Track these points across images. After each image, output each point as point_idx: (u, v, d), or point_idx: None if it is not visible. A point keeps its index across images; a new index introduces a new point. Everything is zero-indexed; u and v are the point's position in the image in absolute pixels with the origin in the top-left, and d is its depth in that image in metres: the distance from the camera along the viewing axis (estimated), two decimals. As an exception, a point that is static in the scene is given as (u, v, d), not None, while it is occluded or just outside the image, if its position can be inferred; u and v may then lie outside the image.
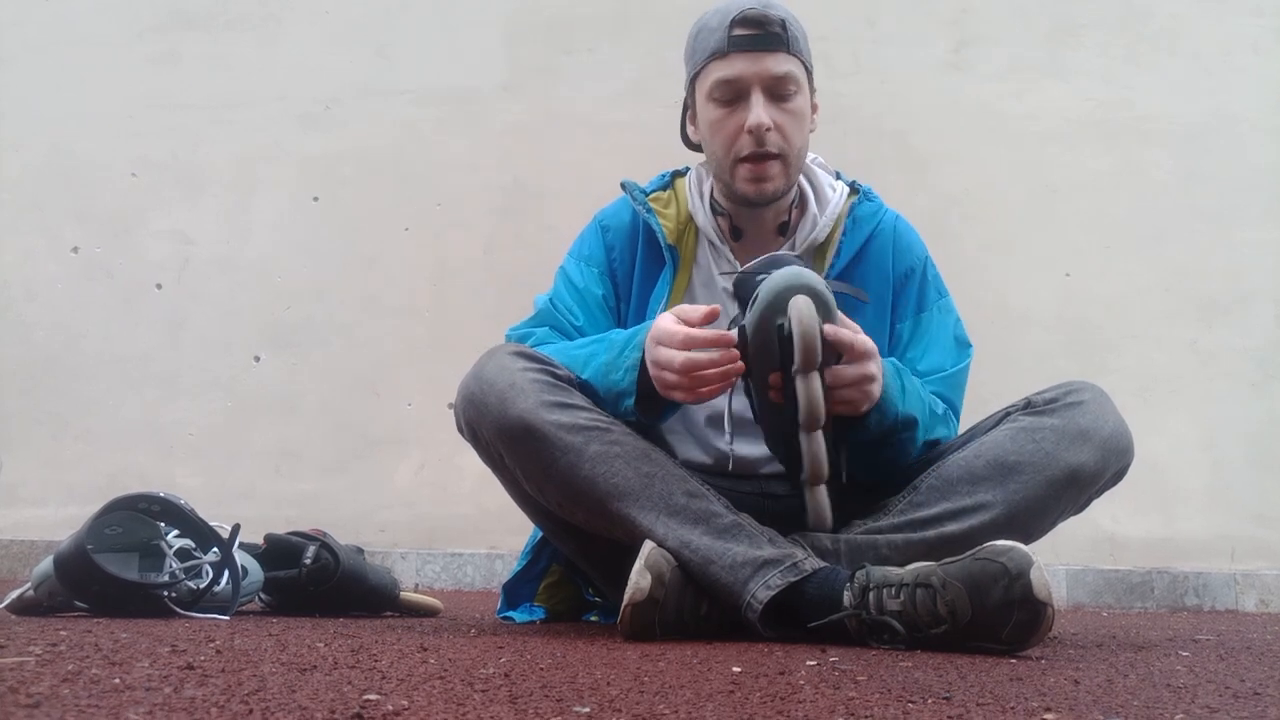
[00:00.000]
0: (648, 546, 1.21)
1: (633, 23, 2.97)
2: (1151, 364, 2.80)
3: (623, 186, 1.55)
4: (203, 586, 1.46)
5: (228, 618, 1.44)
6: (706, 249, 1.52)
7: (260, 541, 1.70)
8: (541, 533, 1.52)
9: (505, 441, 1.29)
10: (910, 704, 0.74)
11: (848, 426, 1.31)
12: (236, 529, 1.51)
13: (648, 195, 1.53)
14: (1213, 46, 2.90)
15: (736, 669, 0.93)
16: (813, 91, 1.46)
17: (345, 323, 2.92)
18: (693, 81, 1.47)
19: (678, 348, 1.23)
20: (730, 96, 1.40)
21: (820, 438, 1.23)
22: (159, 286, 2.96)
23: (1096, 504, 1.39)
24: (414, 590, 2.07)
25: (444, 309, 2.90)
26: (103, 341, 2.94)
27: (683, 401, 1.29)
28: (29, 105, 3.04)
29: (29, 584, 1.45)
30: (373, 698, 0.70)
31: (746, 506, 1.31)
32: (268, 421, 2.88)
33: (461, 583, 2.73)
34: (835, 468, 1.28)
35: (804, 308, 1.17)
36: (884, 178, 1.60)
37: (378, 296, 2.92)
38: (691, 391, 1.25)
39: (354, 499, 2.82)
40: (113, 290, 2.96)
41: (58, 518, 2.76)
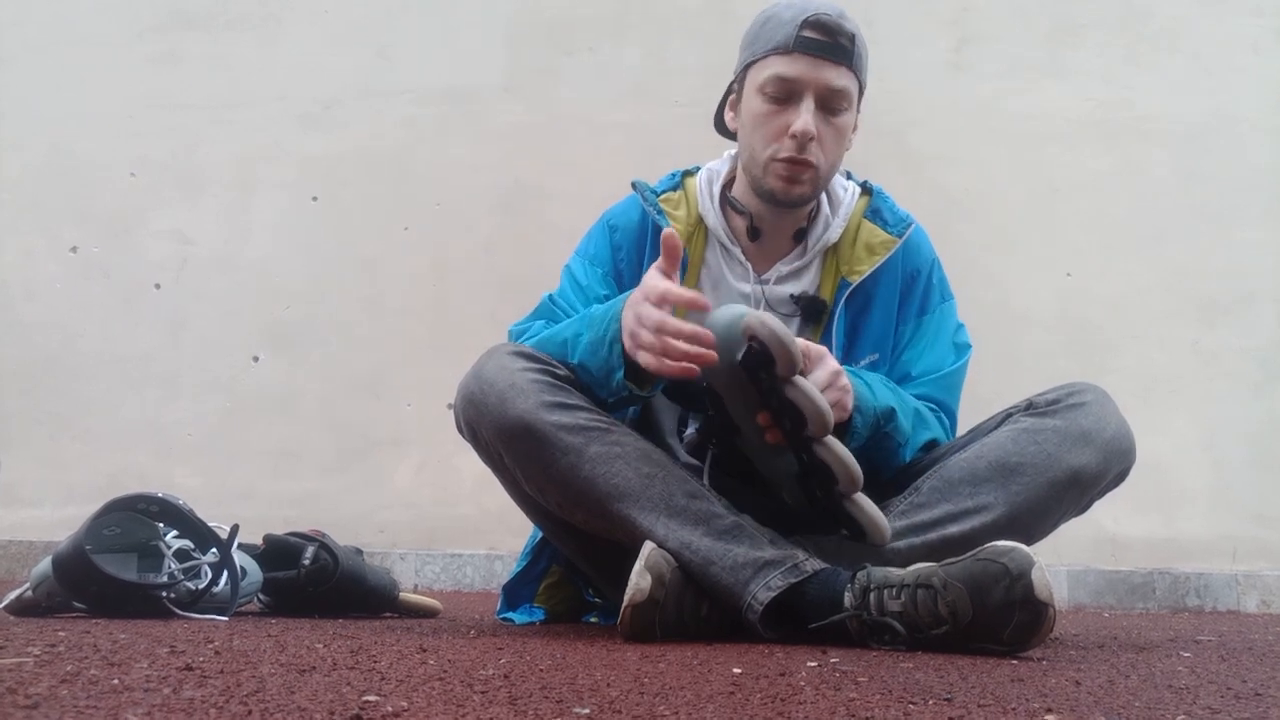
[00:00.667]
0: (648, 547, 1.21)
1: (633, 23, 2.97)
2: (1152, 364, 2.80)
3: (633, 186, 1.53)
4: (201, 587, 1.46)
5: (226, 618, 1.44)
6: (717, 251, 1.50)
7: (259, 542, 1.70)
8: (541, 533, 1.51)
9: (505, 442, 1.28)
10: (911, 705, 0.74)
11: (840, 438, 1.29)
12: (235, 529, 1.51)
13: (658, 195, 1.51)
14: (1213, 46, 2.90)
15: (737, 670, 0.93)
16: (859, 111, 1.45)
17: (345, 323, 2.92)
18: (746, 69, 1.43)
19: (654, 302, 1.20)
20: (782, 95, 1.37)
21: (837, 441, 1.20)
22: (158, 286, 2.96)
23: (1098, 504, 1.39)
24: (413, 591, 2.07)
25: (444, 309, 2.90)
26: (102, 341, 2.94)
27: (648, 366, 1.21)
28: (29, 105, 3.04)
29: (27, 584, 1.44)
30: (372, 699, 0.70)
31: (746, 508, 1.30)
32: (267, 422, 2.88)
33: (461, 583, 2.73)
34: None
35: (763, 317, 1.15)
36: (884, 178, 1.59)
37: (377, 297, 2.92)
38: (659, 357, 1.18)
39: (353, 499, 2.82)
40: (112, 290, 2.96)
41: (56, 518, 2.76)
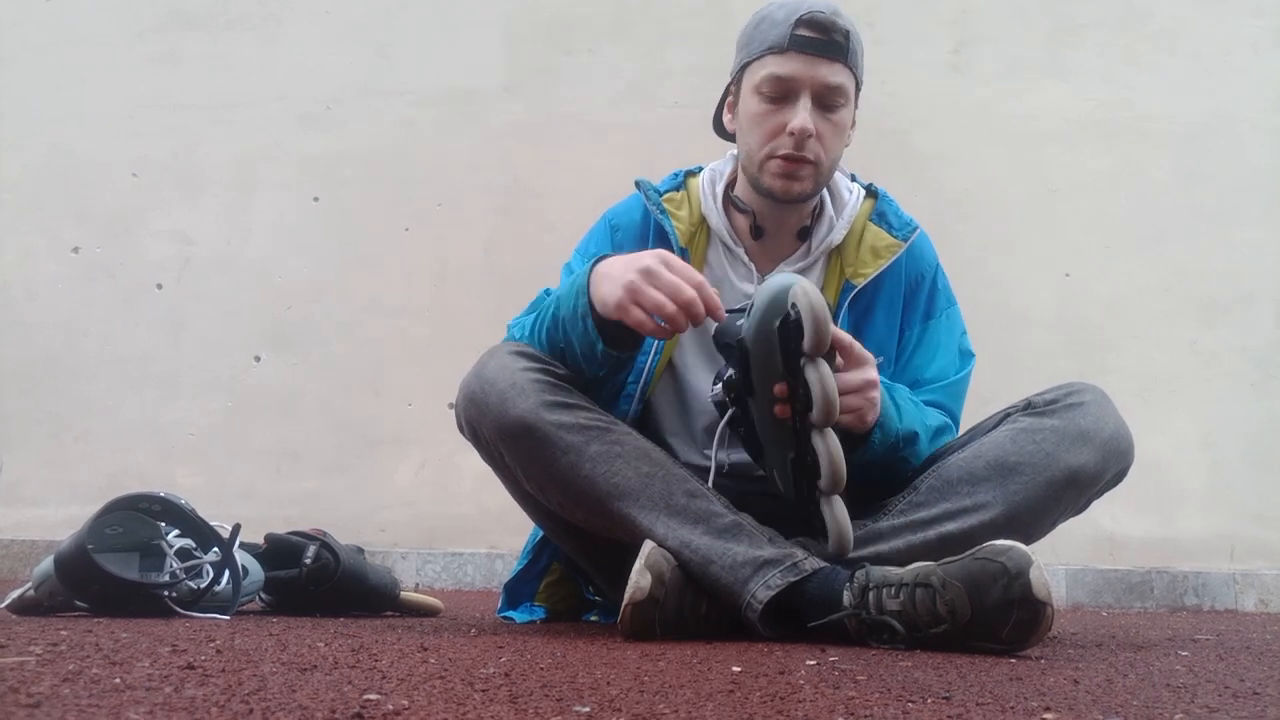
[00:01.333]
0: (648, 546, 1.21)
1: (633, 23, 2.98)
2: (1151, 364, 2.80)
3: (637, 185, 1.53)
4: (203, 586, 1.46)
5: (228, 617, 1.44)
6: (720, 250, 1.50)
7: (261, 541, 1.70)
8: (542, 532, 1.52)
9: (506, 441, 1.29)
10: (910, 703, 0.74)
11: (851, 448, 1.25)
12: (237, 529, 1.52)
13: (661, 195, 1.51)
14: (1213, 46, 2.90)
15: (736, 668, 0.93)
16: (857, 107, 1.45)
17: (346, 323, 2.92)
18: (742, 70, 1.44)
19: (688, 282, 1.21)
20: (779, 94, 1.38)
21: (835, 437, 1.17)
22: (159, 286, 2.96)
23: (1096, 504, 1.39)
24: (414, 590, 2.08)
25: (444, 309, 2.90)
26: (103, 341, 2.94)
27: (635, 324, 1.22)
28: (29, 105, 3.04)
29: (30, 584, 1.45)
30: (373, 697, 0.70)
31: (746, 507, 1.30)
32: (268, 421, 2.89)
33: (462, 582, 2.74)
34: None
35: (809, 287, 1.13)
36: (884, 178, 1.60)
37: (378, 296, 2.92)
38: (633, 295, 1.20)
39: (354, 499, 2.83)
40: (113, 290, 2.96)
41: (58, 518, 2.76)
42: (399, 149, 2.97)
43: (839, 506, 1.19)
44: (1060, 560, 2.66)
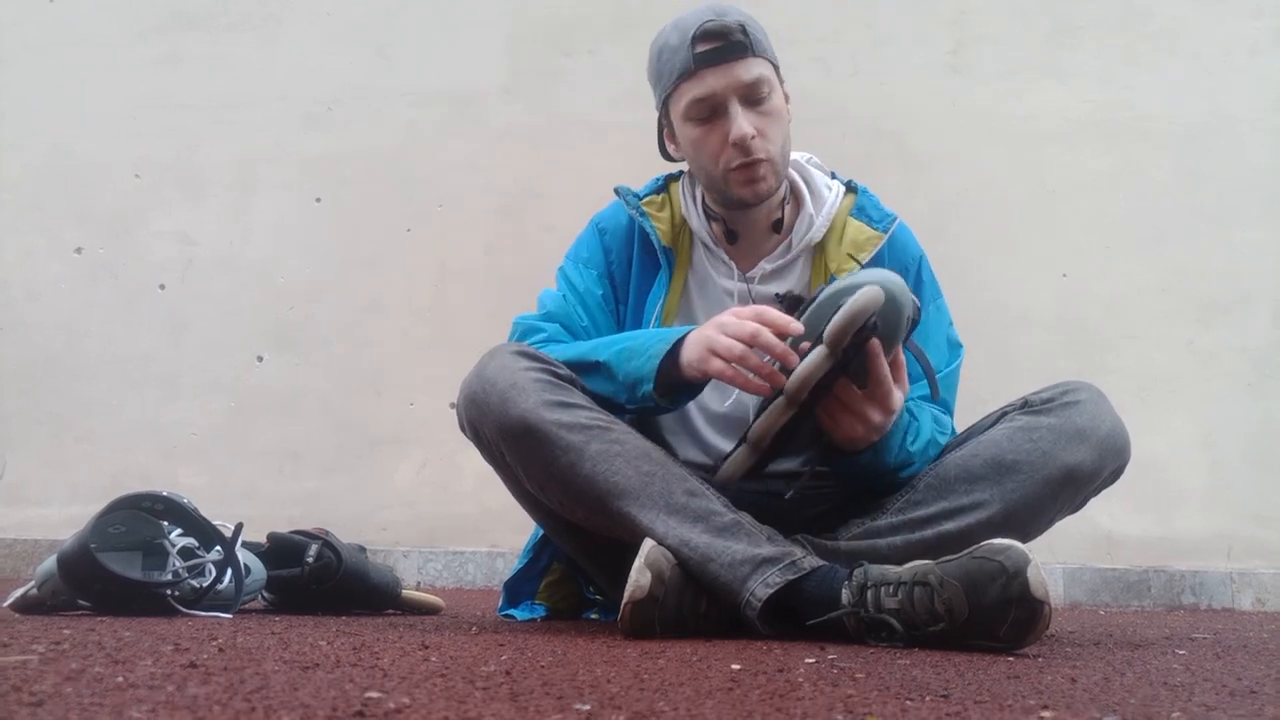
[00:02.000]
0: (648, 545, 1.22)
1: (633, 24, 2.97)
2: (1150, 364, 2.80)
3: (616, 192, 1.56)
4: (205, 585, 1.47)
5: (230, 616, 1.45)
6: (701, 252, 1.52)
7: (263, 540, 1.71)
8: (542, 531, 1.52)
9: (507, 440, 1.29)
10: (908, 701, 0.75)
11: (837, 457, 1.33)
12: (239, 528, 1.52)
13: (641, 199, 1.54)
14: (1212, 47, 2.90)
15: (736, 666, 0.94)
16: (782, 82, 1.45)
17: (347, 323, 2.92)
18: (665, 103, 1.46)
19: (749, 317, 1.24)
20: (707, 113, 1.40)
21: (786, 414, 1.23)
22: (162, 287, 2.97)
23: (1094, 502, 1.39)
24: (416, 588, 2.08)
25: (445, 309, 2.91)
26: (105, 342, 2.94)
27: (717, 373, 1.24)
28: (30, 105, 3.04)
29: (32, 583, 1.45)
30: (375, 695, 0.71)
31: (746, 505, 1.31)
32: (270, 421, 2.89)
33: (463, 581, 2.74)
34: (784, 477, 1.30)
35: (869, 296, 1.15)
36: (882, 178, 1.60)
37: (379, 297, 2.93)
38: (733, 364, 1.22)
39: (356, 498, 2.83)
40: (115, 291, 2.97)
41: (61, 517, 2.77)
42: (400, 150, 2.97)
43: (746, 456, 1.30)
44: (1058, 559, 2.67)
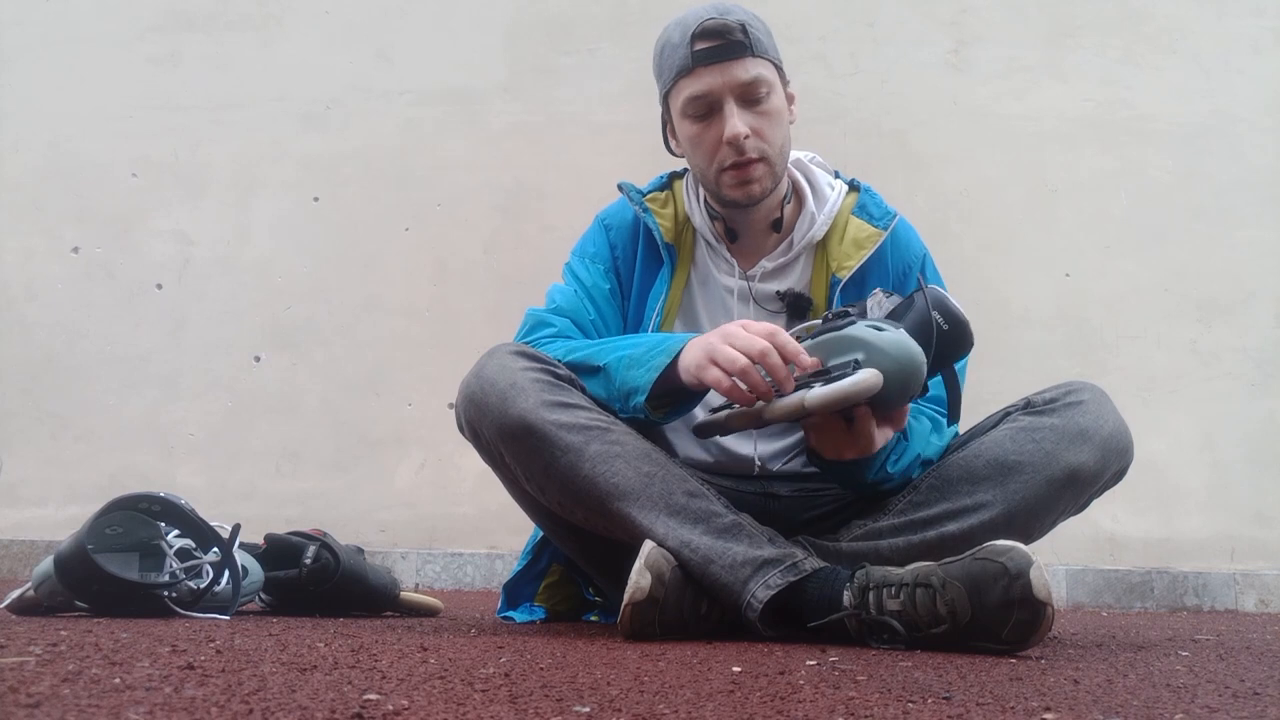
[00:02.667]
0: (648, 546, 1.21)
1: (632, 23, 2.98)
2: (1151, 364, 2.80)
3: (620, 188, 1.56)
4: (203, 586, 1.46)
5: (228, 617, 1.44)
6: (704, 249, 1.53)
7: (260, 541, 1.70)
8: (542, 532, 1.52)
9: (506, 441, 1.29)
10: (910, 704, 0.74)
11: (815, 459, 1.35)
12: (237, 529, 1.52)
13: (644, 195, 1.54)
14: (1212, 47, 2.90)
15: (736, 669, 0.94)
16: (786, 84, 1.45)
17: (346, 323, 2.92)
18: (665, 99, 1.47)
19: (762, 334, 1.23)
20: (703, 111, 1.40)
21: (757, 422, 1.26)
22: (160, 286, 2.96)
23: (1096, 504, 1.39)
24: (414, 590, 2.08)
25: (444, 309, 2.90)
26: (104, 341, 2.94)
27: (713, 382, 1.23)
28: (29, 105, 3.04)
29: (29, 584, 1.45)
30: (373, 697, 0.70)
31: (747, 506, 1.31)
32: (268, 421, 2.89)
33: (462, 582, 2.74)
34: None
35: (867, 385, 1.15)
36: (883, 178, 1.60)
37: (378, 296, 2.92)
38: (737, 378, 1.21)
39: (354, 499, 2.83)
40: (114, 290, 2.96)
41: (58, 518, 2.76)
42: (399, 149, 2.97)
43: (714, 428, 1.34)
44: (1060, 560, 2.66)
